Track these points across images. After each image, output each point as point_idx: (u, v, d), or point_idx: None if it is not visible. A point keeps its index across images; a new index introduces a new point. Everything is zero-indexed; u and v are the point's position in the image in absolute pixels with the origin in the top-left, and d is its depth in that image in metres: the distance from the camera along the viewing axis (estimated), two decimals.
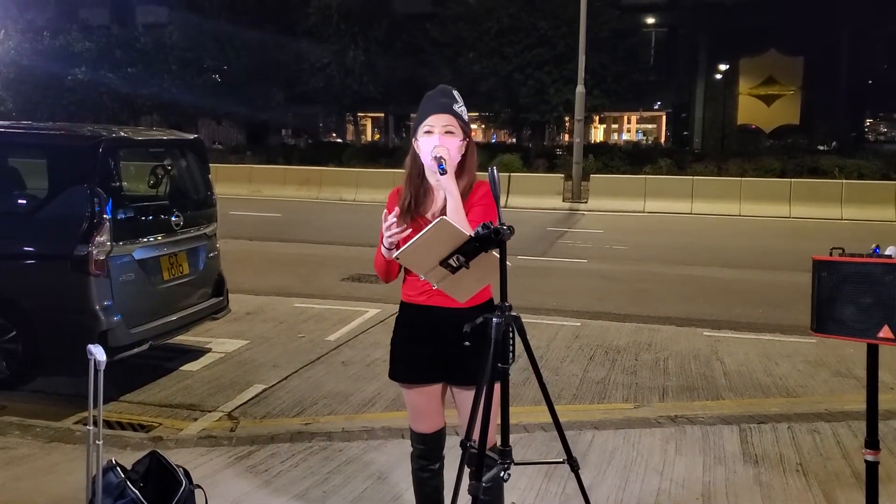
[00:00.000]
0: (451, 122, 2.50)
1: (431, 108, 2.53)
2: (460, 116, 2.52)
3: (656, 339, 6.26)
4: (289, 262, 10.15)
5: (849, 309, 2.53)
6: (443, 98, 2.55)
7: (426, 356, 2.56)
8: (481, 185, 2.54)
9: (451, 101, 2.53)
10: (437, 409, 2.65)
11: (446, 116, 2.50)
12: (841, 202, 16.56)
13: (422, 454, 2.68)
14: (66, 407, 4.48)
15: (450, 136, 2.49)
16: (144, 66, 27.29)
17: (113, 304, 4.45)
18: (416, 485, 2.73)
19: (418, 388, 2.62)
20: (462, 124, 2.53)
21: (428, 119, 2.51)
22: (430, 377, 2.59)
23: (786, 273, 9.34)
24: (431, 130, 2.49)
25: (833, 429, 4.22)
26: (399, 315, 2.65)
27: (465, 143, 2.54)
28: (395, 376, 2.66)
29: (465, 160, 2.55)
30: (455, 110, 2.52)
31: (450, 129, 2.49)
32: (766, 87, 35.44)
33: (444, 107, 2.51)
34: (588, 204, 18.12)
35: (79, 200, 4.40)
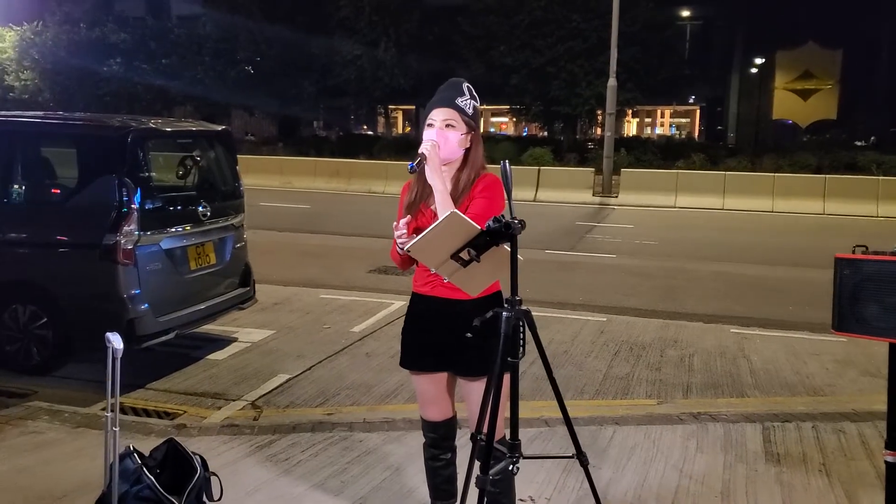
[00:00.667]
0: (452, 115, 2.50)
1: (436, 101, 2.55)
2: (463, 110, 2.52)
3: (682, 335, 6.18)
4: (316, 253, 10.24)
5: (871, 307, 2.47)
6: (447, 91, 2.56)
7: (431, 345, 2.60)
8: (484, 178, 2.54)
9: (455, 95, 2.54)
10: (445, 397, 2.68)
11: (447, 110, 2.51)
12: (877, 199, 16.14)
13: (432, 443, 2.71)
14: (94, 393, 4.58)
15: (450, 129, 2.50)
16: (178, 58, 27.68)
17: (140, 292, 4.54)
18: (429, 474, 2.76)
19: (425, 375, 2.66)
20: (465, 118, 2.52)
21: (432, 112, 2.53)
22: (435, 365, 2.63)
23: (817, 270, 9.12)
24: (433, 124, 2.51)
25: (859, 429, 4.13)
26: (409, 304, 2.70)
27: (467, 136, 2.54)
28: (402, 363, 2.72)
29: (469, 153, 2.55)
30: (458, 104, 2.52)
31: (450, 123, 2.50)
32: (803, 82, 34.63)
33: (447, 100, 2.52)
34: (618, 198, 17.92)
35: (107, 190, 4.50)
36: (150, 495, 2.38)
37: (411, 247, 2.11)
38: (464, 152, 2.54)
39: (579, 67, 25.73)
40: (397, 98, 32.83)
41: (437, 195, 2.42)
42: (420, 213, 2.56)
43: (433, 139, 2.47)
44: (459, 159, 2.54)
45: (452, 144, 2.50)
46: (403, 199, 2.64)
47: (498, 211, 2.47)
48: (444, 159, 2.50)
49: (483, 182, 2.53)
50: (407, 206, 2.60)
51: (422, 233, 2.08)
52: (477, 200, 2.48)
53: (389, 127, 37.51)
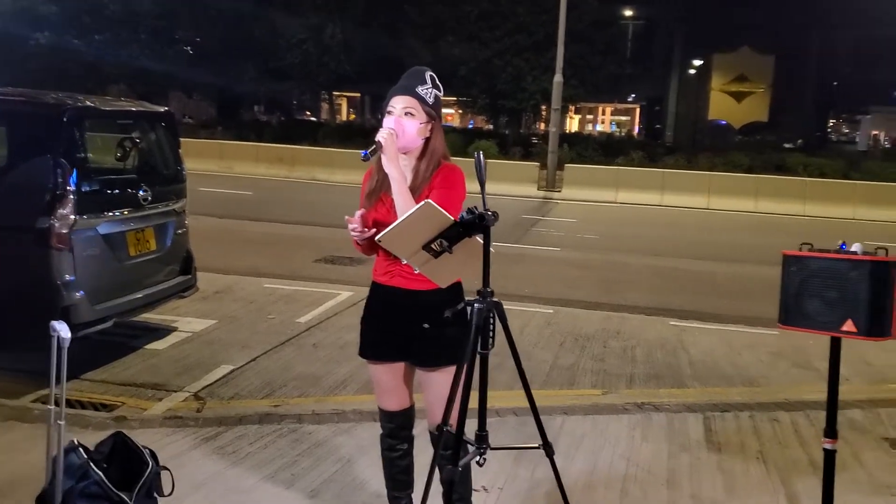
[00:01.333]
0: (411, 104, 2.47)
1: (396, 89, 2.52)
2: (424, 99, 2.49)
3: (625, 327, 6.34)
4: (260, 241, 10.02)
5: (815, 303, 2.58)
6: (408, 80, 2.53)
7: (389, 335, 2.58)
8: (443, 169, 2.52)
9: (416, 83, 2.50)
10: (403, 387, 2.67)
11: (407, 98, 2.48)
12: (804, 199, 16.96)
13: (390, 433, 2.69)
14: (25, 384, 4.36)
15: (409, 117, 2.47)
16: (113, 34, 26.50)
17: (76, 279, 4.33)
18: (385, 465, 2.74)
19: (383, 364, 2.64)
20: (426, 107, 2.49)
21: (391, 100, 2.50)
22: (394, 355, 2.61)
23: (751, 266, 9.52)
24: (392, 111, 2.48)
25: (792, 418, 4.33)
26: (369, 293, 2.66)
27: (427, 125, 2.51)
28: (361, 352, 2.70)
29: (429, 143, 2.52)
30: (418, 92, 2.49)
31: (409, 111, 2.47)
32: (738, 84, 35.96)
33: (407, 88, 2.49)
34: (562, 193, 18.23)
35: (41, 171, 4.26)
36: (97, 491, 2.27)
37: (383, 236, 2.07)
38: (423, 142, 2.51)
39: (525, 62, 25.95)
40: (342, 84, 32.40)
41: (394, 185, 2.39)
42: (380, 202, 2.52)
43: (391, 127, 2.44)
44: (419, 149, 2.51)
45: (411, 133, 2.47)
46: (364, 188, 2.60)
47: (458, 201, 2.46)
48: (403, 148, 2.47)
49: (442, 172, 2.50)
50: (367, 194, 2.56)
51: (394, 222, 2.05)
52: (436, 191, 2.45)
53: (333, 113, 36.97)
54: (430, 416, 2.61)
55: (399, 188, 2.38)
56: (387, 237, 2.08)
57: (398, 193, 2.37)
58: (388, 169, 2.40)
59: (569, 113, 33.88)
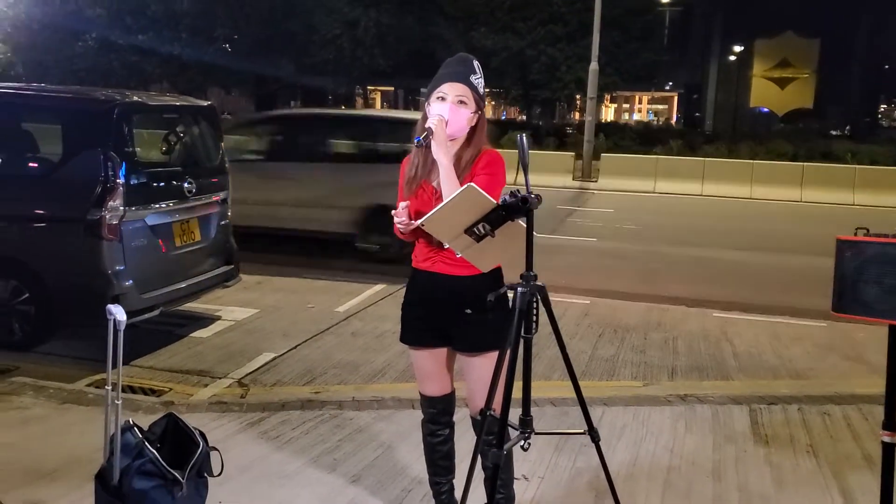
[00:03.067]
0: (465, 92, 2.46)
1: (448, 75, 2.49)
2: (476, 88, 2.49)
3: (665, 318, 6.25)
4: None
5: (872, 290, 2.49)
6: (461, 66, 2.51)
7: (431, 320, 2.58)
8: (486, 154, 2.51)
9: (468, 71, 2.49)
10: (444, 373, 2.66)
11: (461, 86, 2.46)
12: (853, 187, 16.41)
13: (431, 418, 2.70)
14: (79, 369, 4.50)
15: (462, 106, 2.45)
16: (155, 34, 27.05)
17: (125, 268, 4.46)
18: (427, 451, 2.75)
19: (424, 350, 2.64)
20: (476, 96, 2.49)
21: (443, 86, 2.47)
22: (436, 341, 2.60)
23: (797, 256, 9.28)
24: (444, 98, 2.45)
25: (843, 411, 4.21)
26: (409, 279, 2.66)
27: (476, 115, 2.50)
28: (403, 338, 2.69)
29: (474, 133, 2.51)
30: (472, 81, 2.48)
31: (463, 99, 2.46)
32: (781, 70, 35.05)
33: (461, 76, 2.48)
34: (598, 183, 18.02)
35: (92, 164, 4.39)
36: (152, 469, 2.34)
37: (426, 220, 2.07)
38: (469, 130, 2.51)
39: (559, 51, 25.70)
40: (376, 78, 32.57)
41: (443, 171, 2.38)
42: (420, 189, 2.51)
43: (442, 114, 2.42)
44: (463, 137, 2.50)
45: (462, 121, 2.45)
46: (403, 175, 2.59)
47: (499, 187, 2.45)
48: (450, 136, 2.46)
49: (485, 158, 2.50)
50: (407, 181, 2.55)
51: (436, 206, 2.05)
52: (479, 178, 2.44)
53: (368, 107, 37.13)
54: (472, 402, 2.61)
55: (448, 175, 2.37)
56: (430, 221, 2.08)
57: (446, 180, 2.36)
58: (438, 156, 2.39)
59: (604, 102, 33.50)
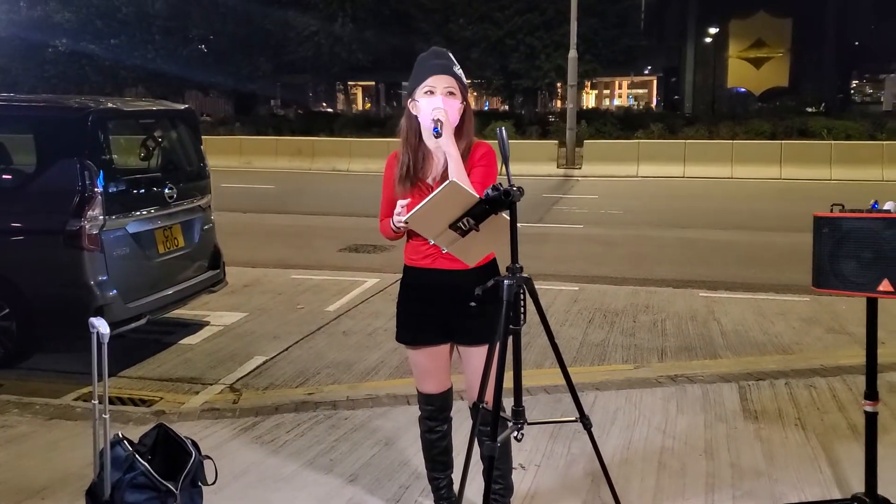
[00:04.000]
0: (452, 83, 2.47)
1: (431, 68, 2.48)
2: (460, 78, 2.50)
3: (653, 301, 6.29)
4: (284, 233, 10.10)
5: (850, 264, 2.53)
6: (442, 59, 2.51)
7: (430, 318, 2.56)
8: (480, 146, 2.53)
9: (450, 63, 2.51)
10: (443, 370, 2.66)
11: (447, 77, 2.47)
12: (830, 163, 16.61)
13: (429, 415, 2.70)
14: (65, 383, 4.46)
15: (451, 97, 2.46)
16: (127, 37, 26.73)
17: (108, 278, 4.41)
18: (425, 447, 2.75)
19: (423, 349, 2.62)
20: (462, 87, 2.51)
21: (428, 80, 2.46)
22: (435, 338, 2.60)
23: (778, 234, 9.38)
24: (433, 91, 2.45)
25: (829, 383, 4.28)
26: (403, 278, 2.65)
27: (463, 105, 2.51)
28: (400, 338, 2.68)
29: (463, 123, 2.52)
30: (455, 72, 2.50)
31: (451, 91, 2.47)
32: (756, 50, 35.30)
33: (445, 68, 2.48)
34: (582, 170, 18.09)
35: (69, 174, 4.33)
36: (144, 482, 2.33)
37: (410, 217, 2.07)
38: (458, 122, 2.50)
39: (538, 40, 25.67)
40: (356, 74, 32.36)
41: (452, 163, 2.36)
42: (417, 187, 2.48)
43: (439, 106, 2.40)
44: (453, 129, 2.48)
45: (453, 113, 2.45)
46: (391, 174, 2.56)
47: (495, 178, 2.46)
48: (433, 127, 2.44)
49: (480, 150, 2.51)
50: (399, 179, 2.51)
51: (420, 203, 2.05)
52: (477, 169, 2.45)
53: (349, 103, 36.97)
54: (470, 392, 2.61)
55: (458, 167, 2.37)
56: (414, 218, 2.08)
57: (457, 172, 2.34)
58: (448, 147, 2.37)
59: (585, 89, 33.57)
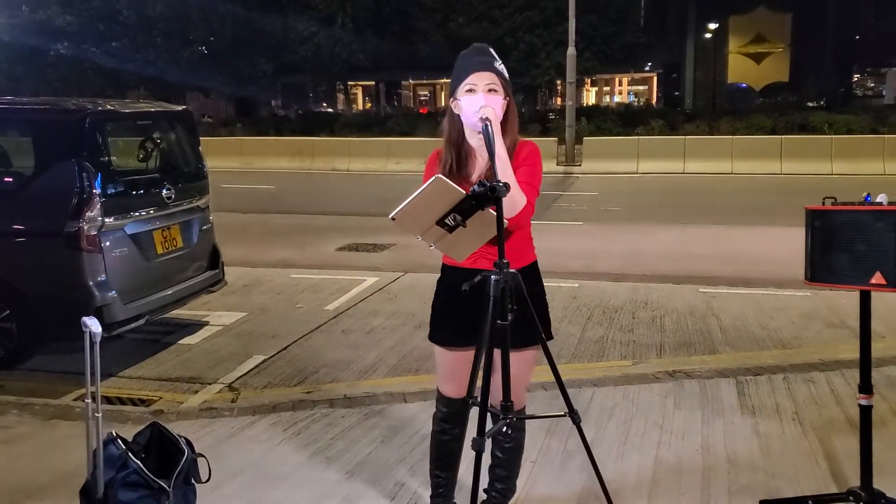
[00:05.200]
0: (493, 80, 2.41)
1: (472, 65, 2.43)
2: (502, 74, 2.44)
3: (652, 297, 6.29)
4: (284, 233, 10.12)
5: (842, 257, 2.52)
6: (482, 56, 2.45)
7: (466, 320, 2.47)
8: (525, 145, 2.49)
9: (491, 59, 2.44)
10: (468, 376, 2.49)
11: (488, 74, 2.40)
12: (831, 157, 16.58)
13: (444, 417, 2.66)
14: (65, 384, 4.48)
15: (493, 94, 2.40)
16: (129, 40, 26.79)
17: (107, 279, 4.43)
18: (434, 445, 2.73)
19: (454, 351, 2.58)
20: (504, 83, 2.44)
21: (469, 77, 2.41)
22: (466, 341, 2.50)
23: (778, 229, 9.36)
24: (474, 89, 2.40)
25: (827, 378, 4.27)
26: (441, 277, 2.61)
27: (507, 101, 2.46)
28: (433, 337, 2.63)
29: (507, 120, 2.46)
30: (497, 68, 2.43)
31: (493, 88, 2.40)
32: (756, 45, 35.22)
33: (486, 64, 2.42)
34: (582, 166, 18.09)
35: (67, 176, 4.35)
36: (137, 480, 2.34)
37: (396, 213, 2.07)
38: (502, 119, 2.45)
39: (537, 38, 25.68)
40: (356, 74, 32.37)
41: (499, 163, 2.26)
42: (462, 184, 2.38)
43: (483, 104, 2.35)
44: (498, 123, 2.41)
45: (497, 109, 2.40)
46: (432, 173, 2.42)
47: (540, 177, 2.45)
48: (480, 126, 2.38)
49: (526, 149, 2.48)
50: None
51: (406, 200, 2.05)
52: (523, 168, 2.43)
53: (349, 104, 36.97)
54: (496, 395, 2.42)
55: (503, 165, 2.30)
56: (400, 214, 2.07)
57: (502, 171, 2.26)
58: (497, 147, 2.29)
59: (585, 86, 33.54)
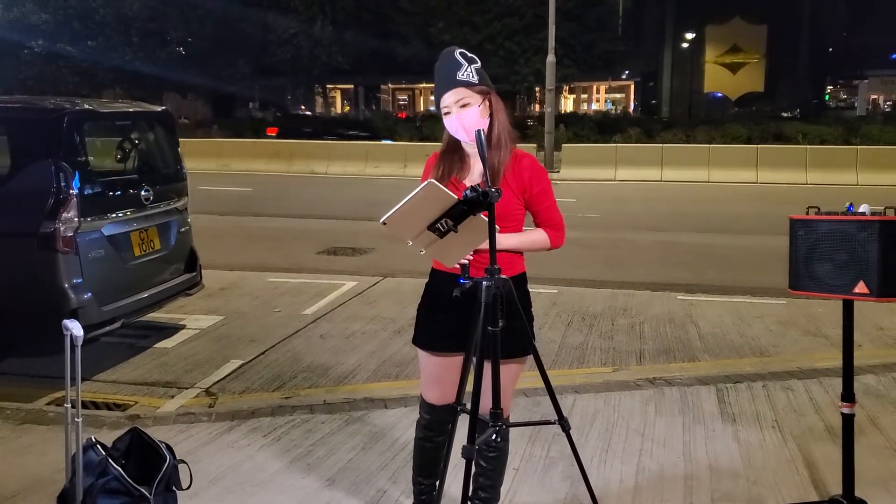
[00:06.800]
0: (461, 94, 2.38)
1: (441, 86, 2.41)
2: (468, 82, 2.38)
3: (631, 303, 6.33)
4: (262, 236, 10.01)
5: (825, 266, 2.56)
6: (445, 70, 2.41)
7: (453, 325, 2.46)
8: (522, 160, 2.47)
9: (453, 71, 2.39)
10: (451, 382, 2.51)
11: (455, 91, 2.38)
12: (805, 167, 16.89)
13: (427, 424, 2.64)
14: (38, 388, 4.37)
15: (466, 108, 2.39)
16: (105, 39, 26.43)
17: (83, 281, 4.33)
18: (417, 451, 2.71)
19: (438, 356, 2.56)
20: (475, 87, 2.39)
21: (442, 100, 2.41)
22: (451, 347, 2.50)
23: (755, 237, 9.49)
24: (449, 111, 2.40)
25: (805, 386, 4.33)
26: (429, 282, 2.59)
27: (485, 102, 2.41)
28: (416, 341, 2.61)
29: (493, 126, 2.42)
30: (461, 78, 2.38)
31: (464, 102, 2.39)
32: (732, 55, 35.82)
33: (451, 80, 2.39)
34: (560, 173, 18.17)
35: (43, 176, 4.25)
36: (117, 486, 2.28)
37: (388, 218, 2.05)
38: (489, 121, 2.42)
39: (517, 45, 25.86)
40: (336, 77, 32.31)
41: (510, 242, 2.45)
42: (451, 186, 2.41)
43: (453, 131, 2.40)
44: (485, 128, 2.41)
45: (474, 119, 2.37)
46: (429, 173, 2.49)
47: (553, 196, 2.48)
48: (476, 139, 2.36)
49: (530, 168, 2.46)
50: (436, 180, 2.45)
51: (397, 204, 2.03)
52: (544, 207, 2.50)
53: (328, 107, 36.81)
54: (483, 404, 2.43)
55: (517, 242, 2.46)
56: (392, 219, 2.05)
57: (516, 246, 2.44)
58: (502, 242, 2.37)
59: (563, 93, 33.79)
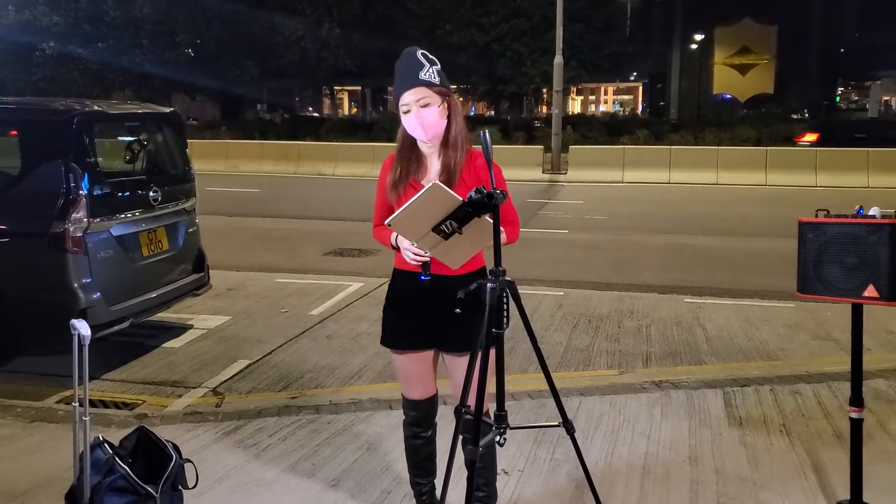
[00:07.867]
0: (423, 93, 2.40)
1: (401, 84, 2.43)
2: (430, 83, 2.40)
3: (638, 306, 6.31)
4: (269, 237, 10.05)
5: (834, 269, 2.55)
6: (407, 69, 2.43)
7: (416, 323, 2.54)
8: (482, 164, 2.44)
9: (416, 69, 2.41)
10: (429, 376, 2.63)
11: (416, 90, 2.40)
12: (815, 170, 16.75)
13: (414, 421, 2.67)
14: (47, 386, 4.41)
15: (426, 108, 2.41)
16: (115, 41, 26.60)
17: (92, 281, 4.37)
18: (409, 452, 2.73)
19: (409, 354, 2.60)
20: (436, 88, 2.41)
21: (402, 98, 2.43)
22: (421, 343, 2.57)
23: (763, 240, 9.45)
24: (409, 109, 2.42)
25: (814, 390, 4.30)
26: (392, 281, 2.62)
27: (444, 103, 2.44)
28: (385, 342, 2.65)
29: (450, 126, 2.45)
30: (423, 78, 2.40)
31: (424, 102, 2.40)
32: (741, 57, 35.67)
33: (412, 79, 2.41)
34: (567, 175, 18.16)
35: (53, 176, 4.29)
36: (124, 485, 2.29)
37: (392, 220, 2.06)
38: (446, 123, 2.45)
39: (524, 46, 25.83)
40: (343, 79, 32.40)
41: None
42: (409, 188, 2.45)
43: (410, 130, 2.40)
44: (440, 135, 2.46)
45: (434, 120, 2.41)
46: (385, 178, 2.53)
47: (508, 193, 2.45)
48: (433, 138, 2.44)
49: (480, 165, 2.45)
50: (392, 183, 2.49)
51: (403, 206, 2.04)
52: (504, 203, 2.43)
53: (335, 108, 36.90)
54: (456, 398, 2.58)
55: None
56: (397, 220, 2.06)
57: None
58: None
59: (570, 95, 33.76)
